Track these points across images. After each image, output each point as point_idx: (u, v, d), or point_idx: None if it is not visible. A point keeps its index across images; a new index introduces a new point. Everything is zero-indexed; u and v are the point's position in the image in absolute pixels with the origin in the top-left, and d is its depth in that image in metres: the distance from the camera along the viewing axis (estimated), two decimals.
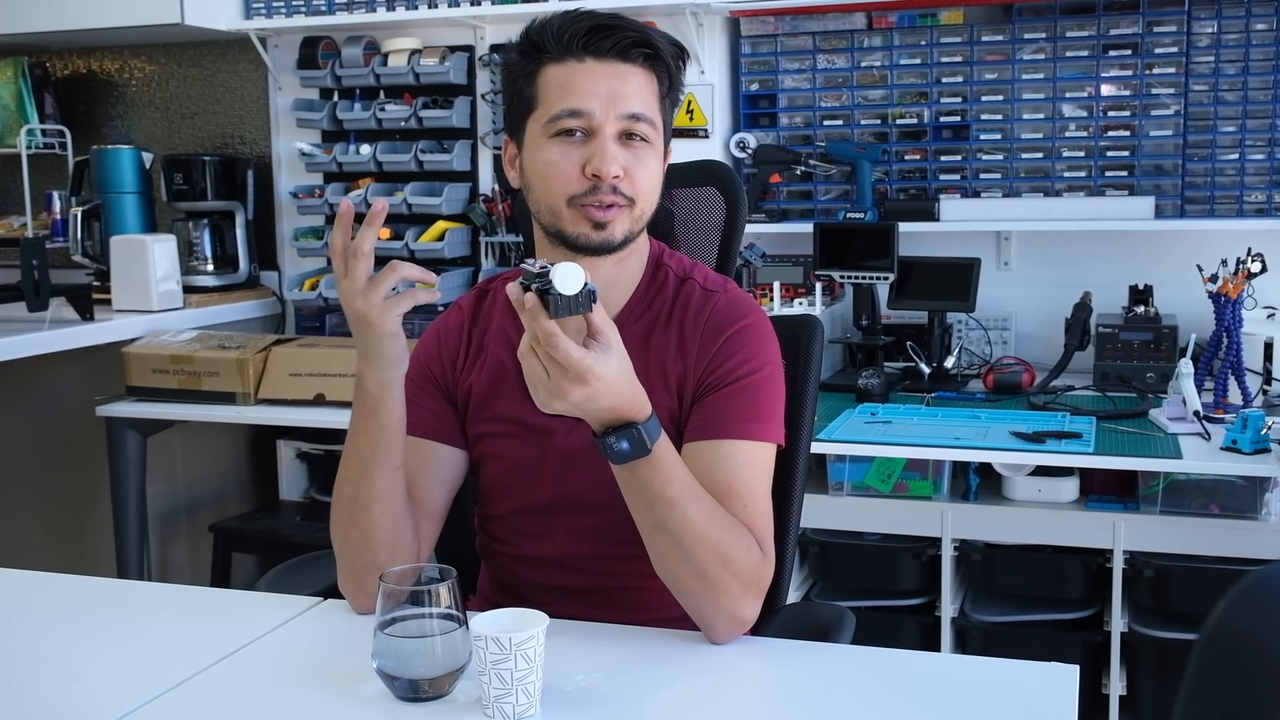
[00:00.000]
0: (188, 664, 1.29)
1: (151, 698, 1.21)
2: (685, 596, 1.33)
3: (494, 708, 1.14)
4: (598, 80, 1.39)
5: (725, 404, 1.41)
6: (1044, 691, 1.20)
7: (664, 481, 1.27)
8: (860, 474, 2.64)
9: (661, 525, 1.29)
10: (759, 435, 1.40)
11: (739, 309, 1.47)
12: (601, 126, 1.38)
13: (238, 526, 3.26)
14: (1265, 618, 0.76)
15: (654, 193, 1.44)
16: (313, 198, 3.49)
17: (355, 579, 1.43)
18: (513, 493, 1.51)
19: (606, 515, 1.42)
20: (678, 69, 1.46)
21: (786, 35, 3.23)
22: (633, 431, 1.24)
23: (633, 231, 1.43)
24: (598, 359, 1.19)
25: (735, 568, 1.32)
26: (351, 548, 1.42)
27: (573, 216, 1.41)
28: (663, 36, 1.44)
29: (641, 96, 1.41)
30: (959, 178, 3.16)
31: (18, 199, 3.74)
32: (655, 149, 1.43)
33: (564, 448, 1.47)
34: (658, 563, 1.33)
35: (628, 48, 1.40)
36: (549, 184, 1.41)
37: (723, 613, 1.32)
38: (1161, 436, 2.49)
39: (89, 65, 3.90)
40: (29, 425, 3.39)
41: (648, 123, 1.41)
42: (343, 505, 1.42)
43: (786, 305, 3.08)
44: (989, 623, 2.63)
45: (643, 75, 1.42)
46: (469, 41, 3.42)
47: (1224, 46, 2.93)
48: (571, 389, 1.19)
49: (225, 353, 3.00)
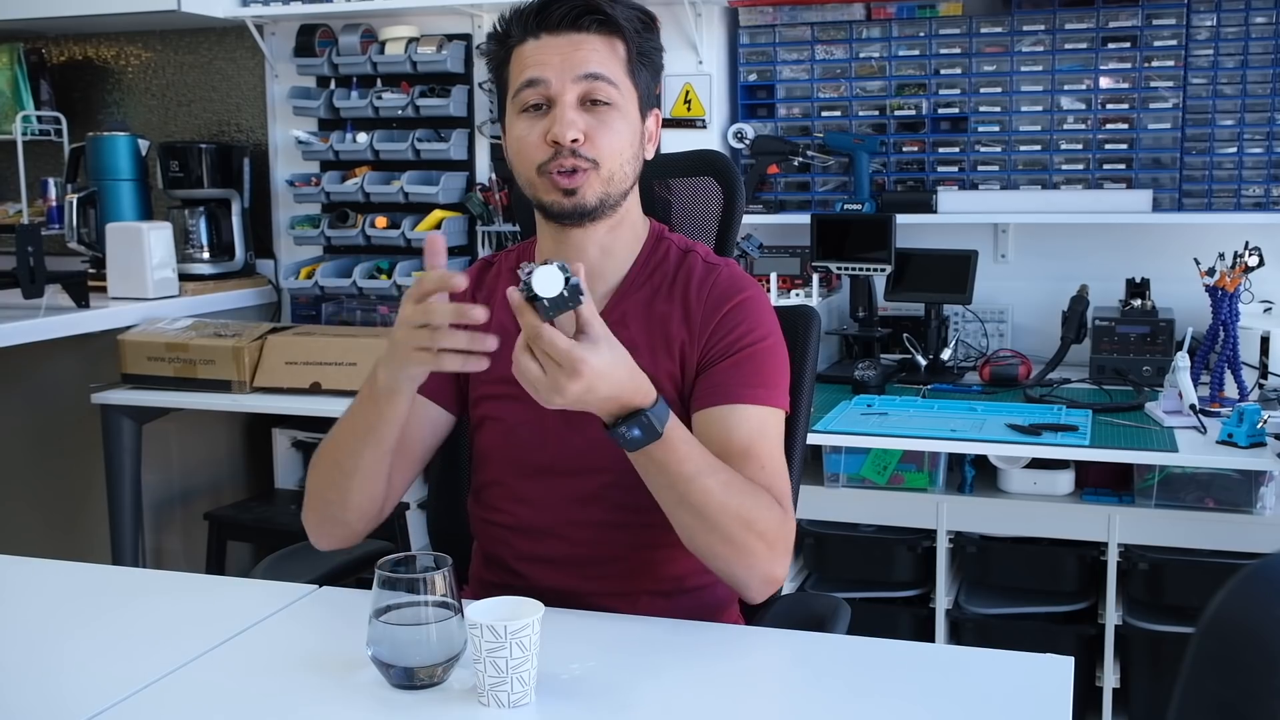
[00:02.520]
0: (182, 651, 1.29)
1: (146, 684, 1.21)
2: (715, 562, 1.37)
3: (489, 695, 1.14)
4: (552, 51, 1.43)
5: (735, 371, 1.44)
6: (1038, 683, 1.20)
7: (679, 460, 1.30)
8: (856, 466, 2.64)
9: (684, 501, 1.32)
10: (769, 400, 1.44)
11: (739, 282, 1.51)
12: (560, 94, 1.42)
13: (233, 515, 3.26)
14: (1263, 609, 0.76)
15: (621, 153, 1.45)
16: (309, 186, 3.48)
17: (318, 522, 1.50)
18: (511, 454, 1.53)
19: (603, 478, 1.45)
20: (639, 32, 1.47)
21: (785, 26, 3.23)
22: (642, 418, 1.27)
23: (608, 194, 1.45)
24: (587, 349, 1.22)
25: (760, 528, 1.35)
26: (323, 500, 1.48)
27: (544, 185, 1.44)
28: (621, 3, 1.46)
29: (599, 60, 1.43)
30: (957, 170, 3.16)
31: (13, 186, 3.72)
32: (621, 110, 1.44)
33: (562, 413, 1.47)
34: (685, 536, 1.36)
35: (578, 16, 1.43)
36: (521, 158, 1.46)
37: (754, 573, 1.37)
38: (1157, 430, 2.49)
39: (85, 52, 3.89)
40: (24, 413, 3.38)
41: (606, 82, 1.43)
42: (324, 463, 1.47)
43: (783, 296, 3.08)
44: (983, 615, 2.63)
45: (599, 40, 1.44)
46: (466, 30, 3.41)
47: (1223, 40, 2.93)
48: (568, 383, 1.22)
49: (221, 341, 2.99)
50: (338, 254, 3.56)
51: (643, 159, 1.50)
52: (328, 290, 3.45)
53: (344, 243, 3.48)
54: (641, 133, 1.49)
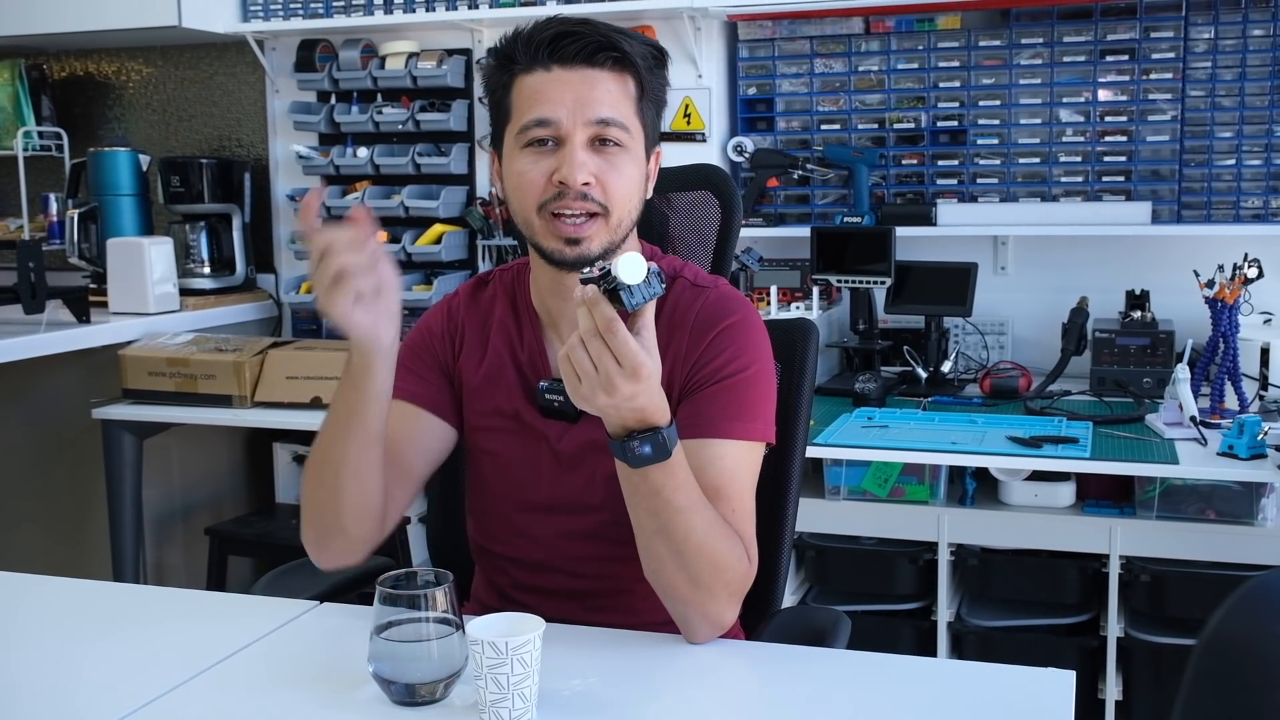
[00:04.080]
0: (183, 668, 1.29)
1: (147, 701, 1.21)
2: (673, 601, 1.34)
3: (490, 712, 1.14)
4: (564, 88, 1.37)
5: (713, 402, 1.40)
6: (1040, 697, 1.20)
7: (675, 488, 1.27)
8: (857, 478, 2.64)
9: (664, 532, 1.29)
10: (747, 434, 1.40)
11: (728, 305, 1.46)
12: (570, 134, 1.37)
13: (234, 530, 3.26)
14: (1262, 626, 0.76)
15: (630, 199, 1.41)
16: None
17: (316, 534, 1.44)
18: (508, 488, 1.51)
19: (599, 516, 1.43)
20: (652, 70, 1.43)
21: (784, 39, 3.24)
22: (657, 436, 1.23)
23: (613, 242, 1.40)
24: (649, 355, 1.19)
25: (727, 577, 1.33)
26: (316, 505, 1.43)
27: (544, 228, 1.39)
28: (634, 38, 1.42)
29: (611, 101, 1.38)
30: (956, 182, 3.16)
31: (14, 201, 3.73)
32: (631, 153, 1.41)
33: (558, 450, 1.47)
34: (650, 567, 1.33)
35: (593, 52, 1.38)
36: (520, 194, 1.41)
37: (707, 619, 1.34)
38: (1158, 442, 2.49)
39: (86, 67, 3.90)
40: (25, 428, 3.38)
41: (619, 127, 1.39)
42: (314, 463, 1.43)
43: (783, 309, 3.08)
44: (985, 628, 2.63)
45: (612, 79, 1.39)
46: (466, 45, 3.42)
47: (1221, 52, 2.94)
48: (623, 384, 1.17)
49: (222, 355, 3.00)
50: None
51: (644, 199, 1.46)
52: None
53: None
54: (646, 173, 1.46)
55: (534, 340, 1.51)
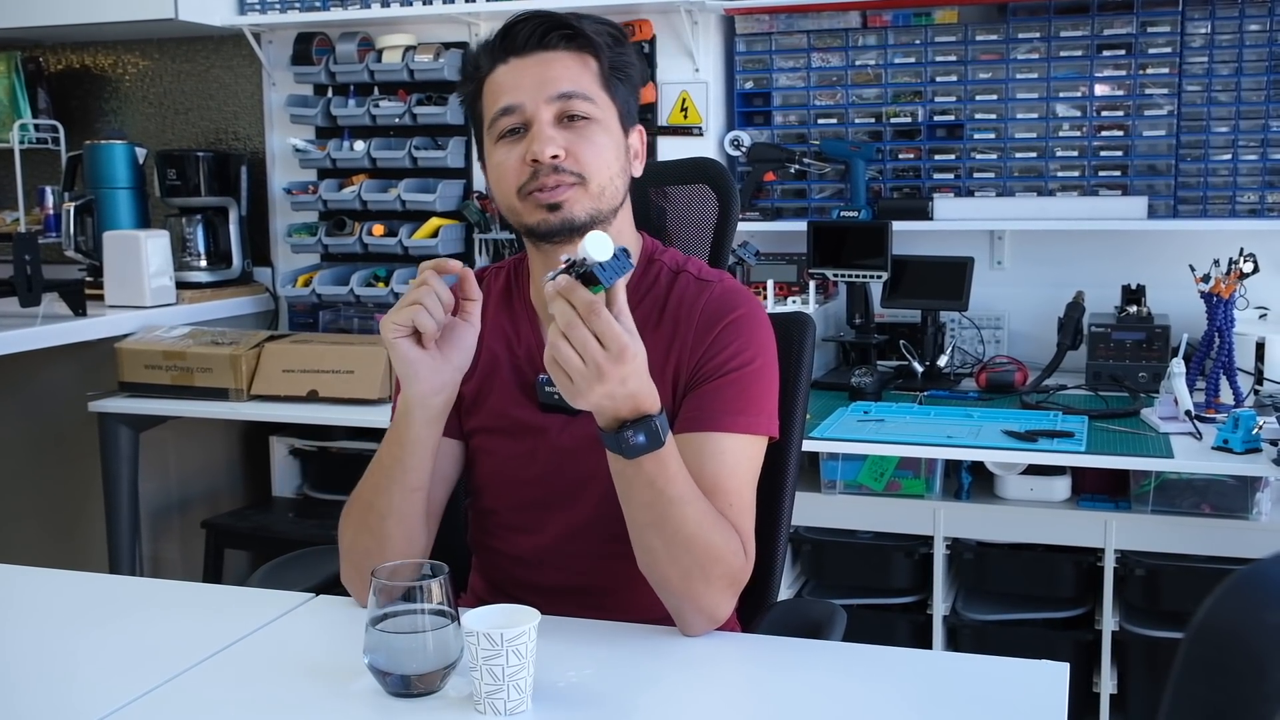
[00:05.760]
0: (179, 659, 1.29)
1: (143, 693, 1.21)
2: (667, 594, 1.34)
3: (485, 703, 1.14)
4: (523, 74, 1.40)
5: (716, 396, 1.40)
6: (1034, 689, 1.20)
7: (668, 479, 1.26)
8: (853, 472, 2.65)
9: (658, 524, 1.29)
10: (749, 428, 1.40)
11: (733, 299, 1.46)
12: (535, 114, 1.39)
13: (230, 523, 3.26)
14: (1251, 615, 0.77)
15: (607, 166, 1.42)
16: (306, 194, 3.49)
17: (360, 577, 1.42)
18: (505, 488, 1.51)
19: (597, 511, 1.42)
20: (611, 46, 1.44)
21: (781, 34, 3.24)
22: (650, 424, 1.23)
23: (599, 209, 1.41)
24: (632, 337, 1.19)
25: (722, 569, 1.32)
26: (361, 549, 1.42)
27: (526, 207, 1.41)
28: (587, 17, 1.44)
29: (571, 76, 1.40)
30: (953, 177, 3.16)
31: (10, 194, 3.73)
32: (602, 124, 1.42)
33: (557, 444, 1.47)
34: (645, 560, 1.33)
35: (544, 34, 1.41)
36: (501, 184, 1.43)
37: (701, 611, 1.34)
38: (1153, 436, 2.50)
39: (82, 60, 3.89)
40: (21, 421, 3.38)
41: (582, 98, 1.40)
42: (359, 507, 1.43)
43: (780, 303, 3.08)
44: (981, 621, 2.64)
45: (570, 58, 1.42)
46: (463, 38, 3.41)
47: (1217, 47, 2.94)
48: (610, 368, 1.17)
49: (218, 349, 3.00)
50: (335, 262, 3.57)
51: (630, 176, 1.47)
52: (325, 298, 3.46)
53: (341, 250, 3.49)
54: (626, 148, 1.46)
55: (531, 335, 1.51)
